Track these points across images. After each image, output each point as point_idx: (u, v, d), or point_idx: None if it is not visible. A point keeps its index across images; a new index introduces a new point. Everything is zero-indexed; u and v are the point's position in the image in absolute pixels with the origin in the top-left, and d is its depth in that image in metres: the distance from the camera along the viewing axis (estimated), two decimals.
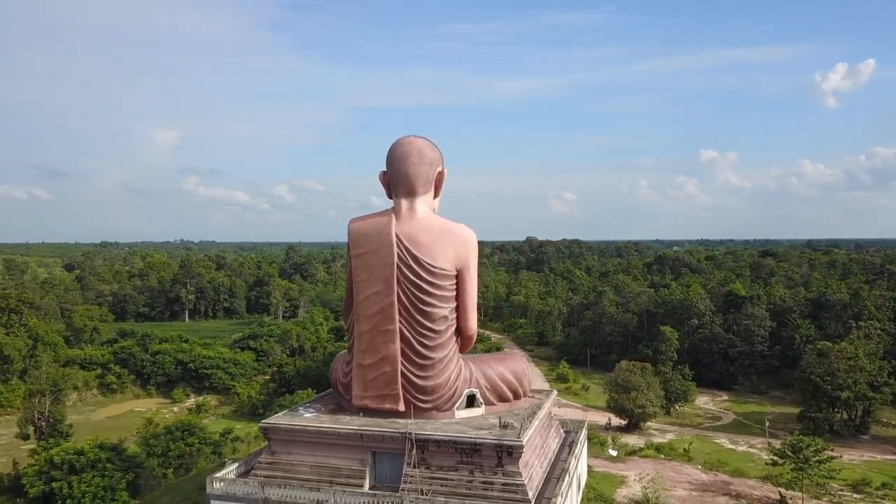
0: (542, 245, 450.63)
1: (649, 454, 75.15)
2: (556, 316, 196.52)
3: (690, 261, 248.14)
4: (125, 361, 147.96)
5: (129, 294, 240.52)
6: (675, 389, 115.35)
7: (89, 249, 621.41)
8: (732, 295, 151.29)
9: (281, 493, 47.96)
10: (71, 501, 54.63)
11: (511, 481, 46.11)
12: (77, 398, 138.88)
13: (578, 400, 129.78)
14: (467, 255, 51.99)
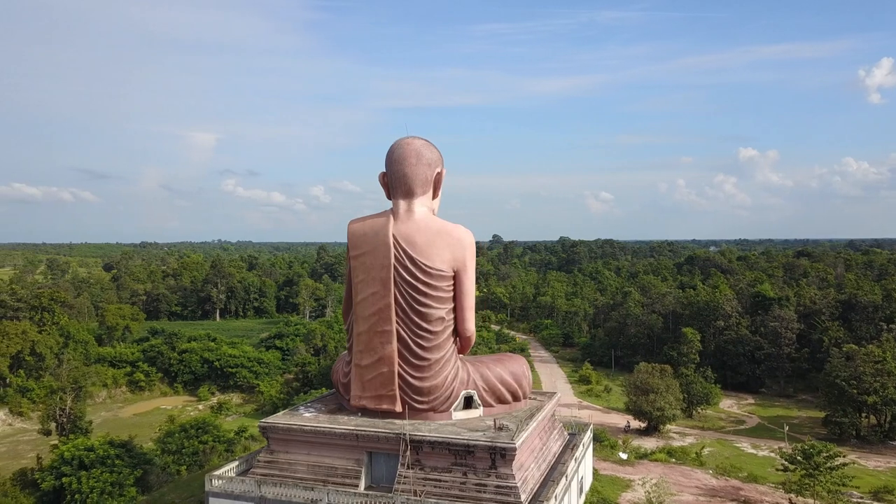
0: (574, 245, 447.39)
1: (660, 458, 74.06)
2: (582, 317, 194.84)
3: (721, 261, 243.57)
4: (153, 360, 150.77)
5: (163, 293, 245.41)
6: (697, 392, 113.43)
7: (129, 249, 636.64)
8: (760, 296, 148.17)
9: (277, 492, 48.51)
10: (79, 496, 56.04)
11: (504, 483, 45.92)
12: (107, 395, 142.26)
13: (600, 402, 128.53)
14: (464, 257, 51.91)
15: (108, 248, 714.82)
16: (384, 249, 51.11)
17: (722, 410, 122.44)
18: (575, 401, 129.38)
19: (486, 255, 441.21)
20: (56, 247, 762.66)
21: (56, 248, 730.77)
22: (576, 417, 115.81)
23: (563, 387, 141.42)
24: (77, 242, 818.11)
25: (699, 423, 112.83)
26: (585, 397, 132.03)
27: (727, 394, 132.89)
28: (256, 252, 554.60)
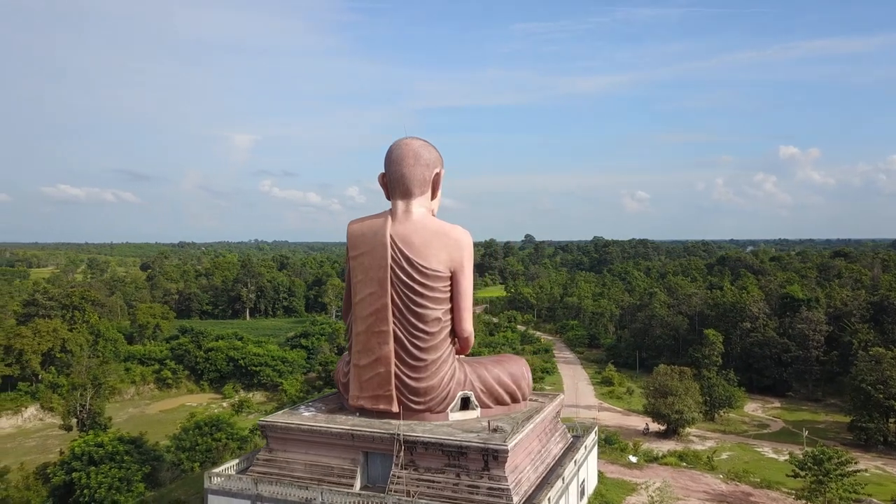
0: (607, 245, 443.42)
1: (671, 462, 72.89)
2: (608, 318, 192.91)
3: (753, 262, 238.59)
4: (181, 358, 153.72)
5: (194, 292, 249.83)
6: (719, 395, 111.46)
7: (166, 249, 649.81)
8: (789, 297, 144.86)
9: (273, 490, 49.04)
10: (88, 491, 57.41)
11: (496, 485, 45.71)
12: (135, 392, 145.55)
13: (621, 404, 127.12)
14: (461, 257, 51.79)
15: (147, 247, 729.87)
16: (381, 250, 51.29)
17: (746, 414, 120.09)
18: (596, 402, 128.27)
19: (517, 255, 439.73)
20: (98, 246, 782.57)
21: (97, 248, 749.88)
22: (595, 419, 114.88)
23: (584, 388, 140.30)
24: (118, 242, 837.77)
25: (721, 427, 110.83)
26: (607, 399, 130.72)
27: (753, 397, 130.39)
28: (291, 252, 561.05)
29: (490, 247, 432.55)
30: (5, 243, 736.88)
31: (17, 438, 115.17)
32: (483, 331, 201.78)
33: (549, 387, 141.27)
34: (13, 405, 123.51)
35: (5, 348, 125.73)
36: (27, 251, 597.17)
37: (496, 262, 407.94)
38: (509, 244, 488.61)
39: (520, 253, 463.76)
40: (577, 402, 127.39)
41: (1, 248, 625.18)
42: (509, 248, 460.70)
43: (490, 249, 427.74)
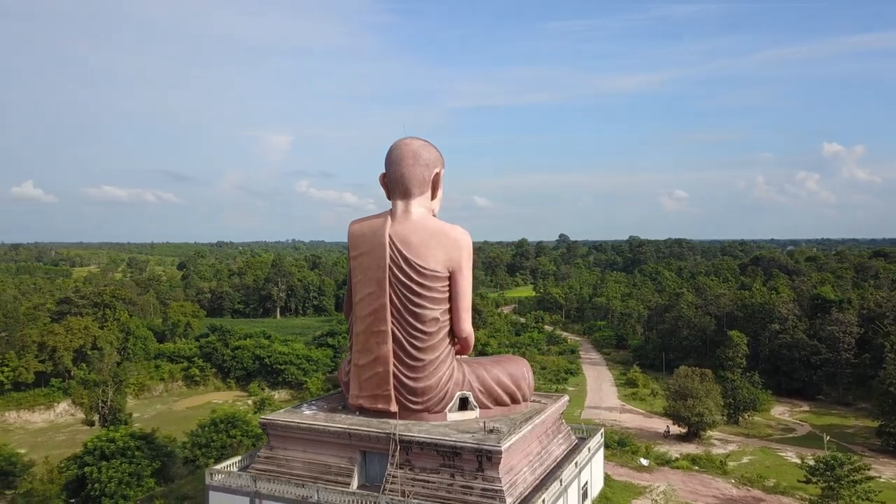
0: (641, 245, 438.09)
1: (683, 465, 71.70)
2: (636, 318, 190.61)
3: (787, 262, 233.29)
4: (209, 356, 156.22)
5: (226, 291, 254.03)
6: (743, 398, 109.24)
7: (203, 249, 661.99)
8: (820, 298, 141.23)
9: (271, 488, 49.71)
10: (98, 485, 58.85)
11: (490, 487, 45.62)
12: (164, 389, 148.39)
13: (644, 406, 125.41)
14: (459, 257, 51.79)
15: (186, 247, 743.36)
16: (380, 250, 51.55)
17: (772, 417, 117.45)
18: (618, 404, 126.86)
19: (549, 255, 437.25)
20: (139, 246, 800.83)
21: (138, 248, 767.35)
22: (616, 421, 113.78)
23: (608, 389, 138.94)
24: (158, 242, 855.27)
25: (744, 430, 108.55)
26: (629, 401, 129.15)
27: (781, 400, 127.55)
28: (327, 251, 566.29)
29: (521, 246, 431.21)
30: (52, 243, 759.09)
31: (48, 433, 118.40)
32: (509, 331, 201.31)
33: (571, 388, 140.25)
34: (46, 400, 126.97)
35: (39, 345, 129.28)
36: (70, 251, 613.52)
37: (527, 261, 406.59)
38: (542, 244, 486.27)
39: (552, 253, 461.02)
40: (600, 404, 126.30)
41: (47, 248, 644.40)
42: (541, 247, 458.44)
43: (521, 249, 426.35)
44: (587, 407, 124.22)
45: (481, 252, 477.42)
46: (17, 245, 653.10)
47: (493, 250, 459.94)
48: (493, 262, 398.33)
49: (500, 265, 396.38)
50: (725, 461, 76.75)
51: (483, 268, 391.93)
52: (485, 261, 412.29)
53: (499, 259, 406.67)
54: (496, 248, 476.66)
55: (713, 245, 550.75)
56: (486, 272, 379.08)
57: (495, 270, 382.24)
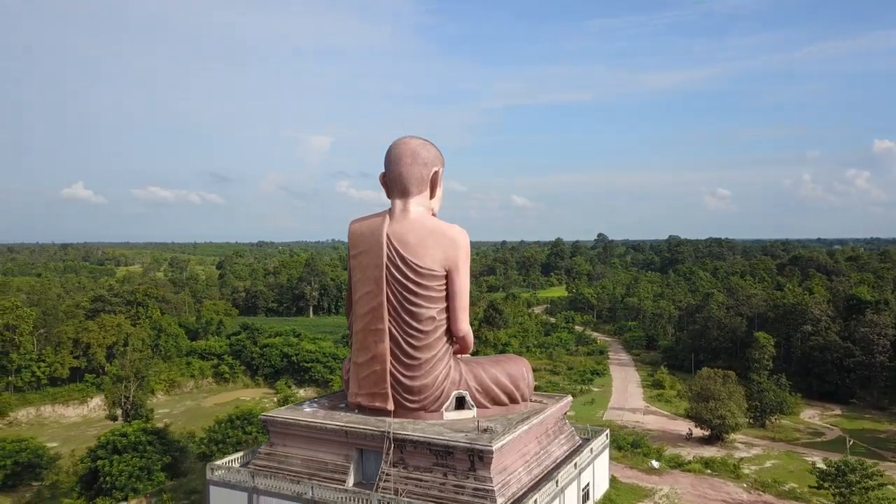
0: (679, 245, 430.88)
1: (695, 468, 70.32)
2: (667, 319, 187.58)
3: (826, 262, 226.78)
4: (238, 353, 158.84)
5: (260, 290, 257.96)
6: (769, 400, 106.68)
7: (242, 248, 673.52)
8: (855, 299, 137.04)
9: (268, 484, 50.40)
10: (109, 479, 60.43)
11: (481, 486, 45.50)
12: (194, 385, 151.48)
13: (669, 408, 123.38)
14: (456, 256, 51.69)
15: (227, 247, 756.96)
16: (377, 249, 51.83)
17: (801, 421, 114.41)
18: (642, 405, 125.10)
19: (585, 255, 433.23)
20: (182, 246, 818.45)
21: (182, 248, 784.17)
22: (638, 423, 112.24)
23: (634, 391, 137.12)
24: (201, 242, 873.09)
25: (771, 434, 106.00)
26: (655, 402, 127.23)
27: (812, 404, 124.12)
28: None
29: (557, 246, 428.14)
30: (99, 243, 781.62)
31: (81, 427, 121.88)
32: (539, 331, 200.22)
33: (596, 388, 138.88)
34: (80, 395, 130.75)
35: (74, 342, 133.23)
36: (116, 250, 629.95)
37: (562, 261, 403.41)
38: (578, 243, 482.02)
39: (588, 252, 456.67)
40: (624, 405, 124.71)
41: (94, 248, 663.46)
42: (577, 247, 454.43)
43: (556, 249, 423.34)
44: (610, 408, 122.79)
45: (515, 252, 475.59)
46: (66, 245, 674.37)
47: (527, 250, 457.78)
48: (528, 262, 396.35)
49: (535, 265, 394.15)
50: (739, 465, 74.94)
51: (517, 267, 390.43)
52: (518, 260, 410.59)
53: (533, 259, 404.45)
54: (530, 248, 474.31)
55: (755, 245, 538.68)
56: (520, 272, 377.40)
57: (529, 270, 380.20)
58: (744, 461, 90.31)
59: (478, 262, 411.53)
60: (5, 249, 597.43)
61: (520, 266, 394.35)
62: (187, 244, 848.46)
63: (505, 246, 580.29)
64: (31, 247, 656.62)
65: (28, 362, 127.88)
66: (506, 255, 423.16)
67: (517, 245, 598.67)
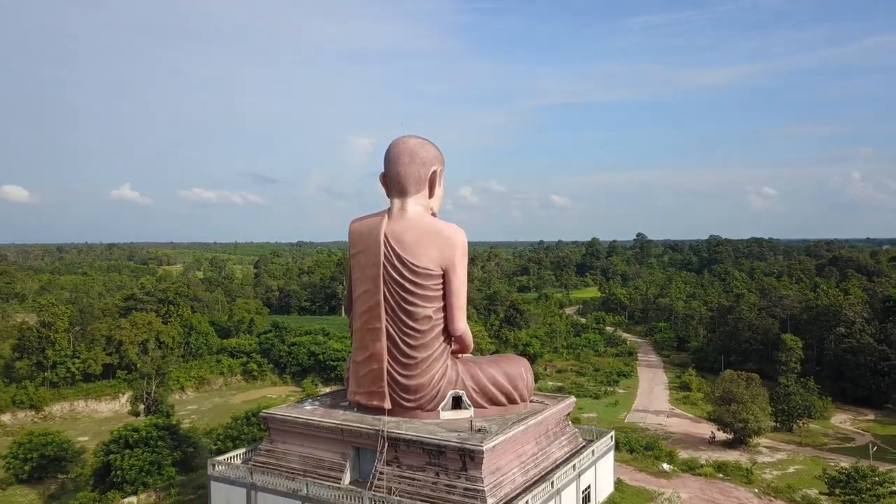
0: (719, 245, 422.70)
1: (706, 472, 68.76)
2: (698, 320, 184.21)
3: (867, 262, 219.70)
4: (267, 351, 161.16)
5: (293, 289, 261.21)
6: (797, 404, 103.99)
7: (285, 249, 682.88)
8: (892, 301, 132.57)
9: (265, 480, 51.04)
10: (120, 472, 61.95)
11: (472, 486, 45.33)
12: (223, 383, 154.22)
13: (694, 410, 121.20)
14: (453, 256, 51.49)
15: (267, 247, 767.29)
16: (375, 248, 51.99)
17: (831, 426, 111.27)
18: (667, 408, 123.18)
19: (621, 255, 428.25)
20: (224, 246, 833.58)
21: (223, 248, 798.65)
22: (661, 426, 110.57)
23: (660, 393, 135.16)
24: (242, 242, 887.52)
25: (797, 439, 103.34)
26: (679, 405, 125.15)
27: (843, 408, 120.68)
28: None
29: (592, 246, 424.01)
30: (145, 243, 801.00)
31: (112, 422, 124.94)
32: (568, 332, 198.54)
33: (622, 390, 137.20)
34: (112, 391, 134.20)
35: (107, 339, 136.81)
36: (159, 250, 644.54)
37: (598, 261, 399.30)
38: (615, 243, 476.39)
39: (625, 252, 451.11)
40: (648, 407, 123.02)
41: (139, 248, 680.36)
42: (613, 247, 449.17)
43: (592, 249, 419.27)
44: (634, 410, 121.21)
45: (550, 252, 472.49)
46: (112, 245, 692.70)
47: (562, 250, 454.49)
48: (562, 262, 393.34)
49: (569, 265, 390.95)
50: (753, 469, 73.15)
51: (551, 267, 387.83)
52: (553, 260, 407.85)
53: (568, 259, 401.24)
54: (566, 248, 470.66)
55: (800, 245, 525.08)
56: (554, 272, 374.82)
57: (564, 270, 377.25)
58: (765, 466, 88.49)
59: (512, 263, 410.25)
60: (55, 249, 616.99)
61: (554, 266, 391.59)
62: (229, 244, 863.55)
63: (542, 246, 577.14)
64: (79, 247, 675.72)
65: (63, 358, 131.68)
66: (540, 256, 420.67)
67: (554, 245, 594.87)
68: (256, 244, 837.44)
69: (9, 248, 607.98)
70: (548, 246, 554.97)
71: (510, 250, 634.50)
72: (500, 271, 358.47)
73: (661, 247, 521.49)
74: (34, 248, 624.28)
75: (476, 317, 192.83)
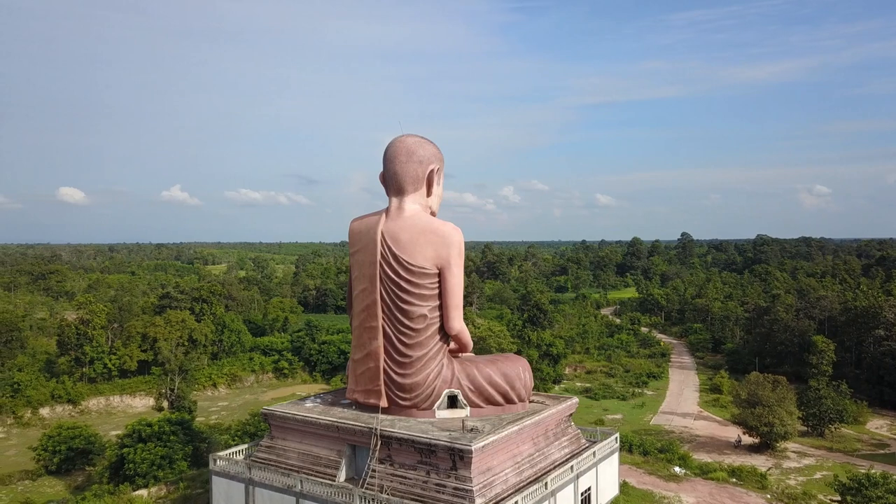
0: (765, 244, 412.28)
1: (719, 476, 67.16)
2: (734, 321, 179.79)
3: None
4: (298, 349, 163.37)
5: (330, 288, 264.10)
6: (828, 408, 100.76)
7: (327, 248, 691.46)
8: None
9: (262, 476, 51.82)
10: (133, 466, 63.66)
11: (461, 486, 45.27)
12: (254, 380, 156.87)
13: (723, 413, 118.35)
14: (448, 254, 51.46)
15: (310, 247, 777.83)
16: (372, 247, 52.37)
17: (866, 431, 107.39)
18: (695, 410, 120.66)
19: (663, 255, 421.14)
20: (268, 245, 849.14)
21: (268, 247, 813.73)
22: (686, 428, 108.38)
23: (689, 395, 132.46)
24: (286, 242, 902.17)
25: (829, 444, 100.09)
26: (709, 407, 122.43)
27: (881, 413, 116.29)
28: None
29: (633, 245, 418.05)
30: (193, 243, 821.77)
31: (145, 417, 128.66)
32: (601, 332, 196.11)
33: (650, 392, 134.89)
34: (146, 387, 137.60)
35: (142, 336, 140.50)
36: (205, 250, 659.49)
37: (639, 261, 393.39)
38: (657, 243, 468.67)
39: (668, 252, 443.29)
40: (675, 410, 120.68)
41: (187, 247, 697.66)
42: (655, 247, 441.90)
43: (633, 248, 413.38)
44: (661, 412, 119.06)
45: (590, 251, 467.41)
46: (161, 245, 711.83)
47: (602, 250, 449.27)
48: (602, 262, 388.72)
49: (609, 265, 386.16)
50: (766, 474, 71.11)
51: (591, 268, 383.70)
52: (593, 260, 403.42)
53: (608, 259, 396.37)
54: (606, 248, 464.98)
55: (851, 245, 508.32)
56: (594, 272, 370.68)
57: (603, 270, 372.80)
58: (790, 471, 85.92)
59: (550, 263, 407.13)
60: (106, 249, 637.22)
61: (594, 266, 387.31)
62: (273, 244, 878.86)
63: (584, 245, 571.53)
64: (129, 246, 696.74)
65: (100, 355, 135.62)
66: (579, 256, 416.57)
67: (596, 245, 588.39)
68: (300, 244, 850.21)
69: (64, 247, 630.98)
70: (588, 246, 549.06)
71: (552, 250, 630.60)
72: (536, 271, 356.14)
73: (706, 246, 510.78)
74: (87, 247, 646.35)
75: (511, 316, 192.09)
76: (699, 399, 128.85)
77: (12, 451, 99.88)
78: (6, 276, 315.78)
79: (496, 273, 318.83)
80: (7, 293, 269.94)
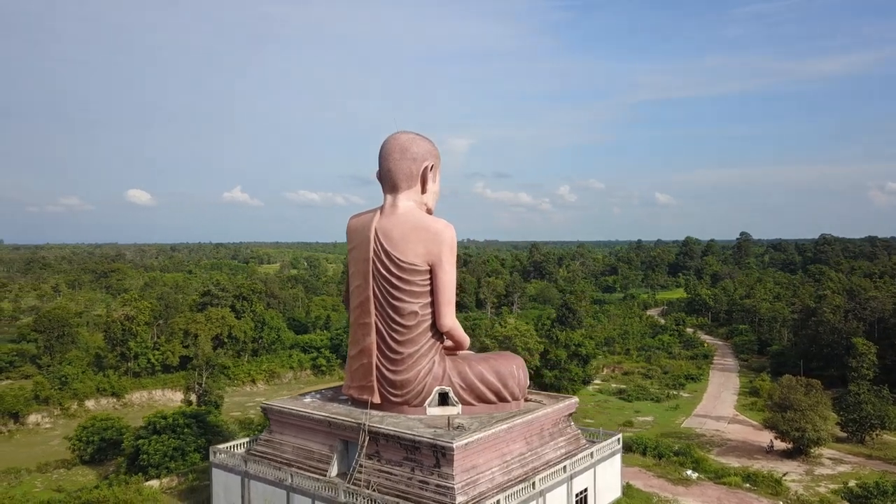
0: (826, 244, 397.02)
1: (731, 481, 64.94)
2: (781, 322, 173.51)
3: None
4: (337, 347, 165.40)
5: None
6: (868, 413, 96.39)
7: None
8: None
9: (256, 469, 52.86)
10: (146, 457, 65.77)
11: (443, 483, 45.22)
12: (292, 377, 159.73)
13: (759, 417, 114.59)
14: (440, 251, 51.43)
15: None
16: (366, 244, 52.80)
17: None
18: (731, 414, 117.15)
19: (718, 255, 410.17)
20: (324, 245, 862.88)
21: (323, 247, 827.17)
22: (718, 432, 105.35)
23: (727, 398, 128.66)
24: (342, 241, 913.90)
25: (868, 451, 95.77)
26: (746, 411, 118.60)
27: None
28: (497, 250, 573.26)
29: (686, 245, 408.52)
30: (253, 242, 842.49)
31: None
32: (644, 333, 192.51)
33: (687, 394, 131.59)
34: (186, 382, 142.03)
35: (184, 332, 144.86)
36: (262, 249, 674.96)
37: (692, 261, 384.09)
38: (712, 242, 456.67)
39: (723, 252, 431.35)
40: (710, 413, 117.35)
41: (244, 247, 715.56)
42: (710, 246, 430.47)
43: (686, 248, 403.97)
44: (694, 415, 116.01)
45: (642, 251, 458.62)
46: (219, 245, 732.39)
47: (655, 250, 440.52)
48: (653, 262, 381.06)
49: (661, 265, 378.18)
50: (781, 480, 68.44)
51: (641, 267, 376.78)
52: (644, 260, 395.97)
53: (659, 259, 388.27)
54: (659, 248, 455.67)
55: None
56: (644, 272, 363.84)
57: (654, 270, 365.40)
58: (822, 478, 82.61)
59: (601, 263, 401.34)
60: (168, 248, 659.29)
61: (645, 266, 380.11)
62: (329, 244, 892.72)
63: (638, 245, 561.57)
64: (190, 246, 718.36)
65: (144, 350, 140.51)
66: (630, 255, 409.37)
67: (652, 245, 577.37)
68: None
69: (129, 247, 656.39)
70: (642, 245, 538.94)
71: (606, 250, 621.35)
72: (585, 271, 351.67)
73: (764, 246, 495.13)
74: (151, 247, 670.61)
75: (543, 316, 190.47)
76: (737, 402, 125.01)
77: (56, 440, 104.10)
78: (72, 275, 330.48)
79: (542, 273, 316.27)
80: (71, 290, 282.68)
